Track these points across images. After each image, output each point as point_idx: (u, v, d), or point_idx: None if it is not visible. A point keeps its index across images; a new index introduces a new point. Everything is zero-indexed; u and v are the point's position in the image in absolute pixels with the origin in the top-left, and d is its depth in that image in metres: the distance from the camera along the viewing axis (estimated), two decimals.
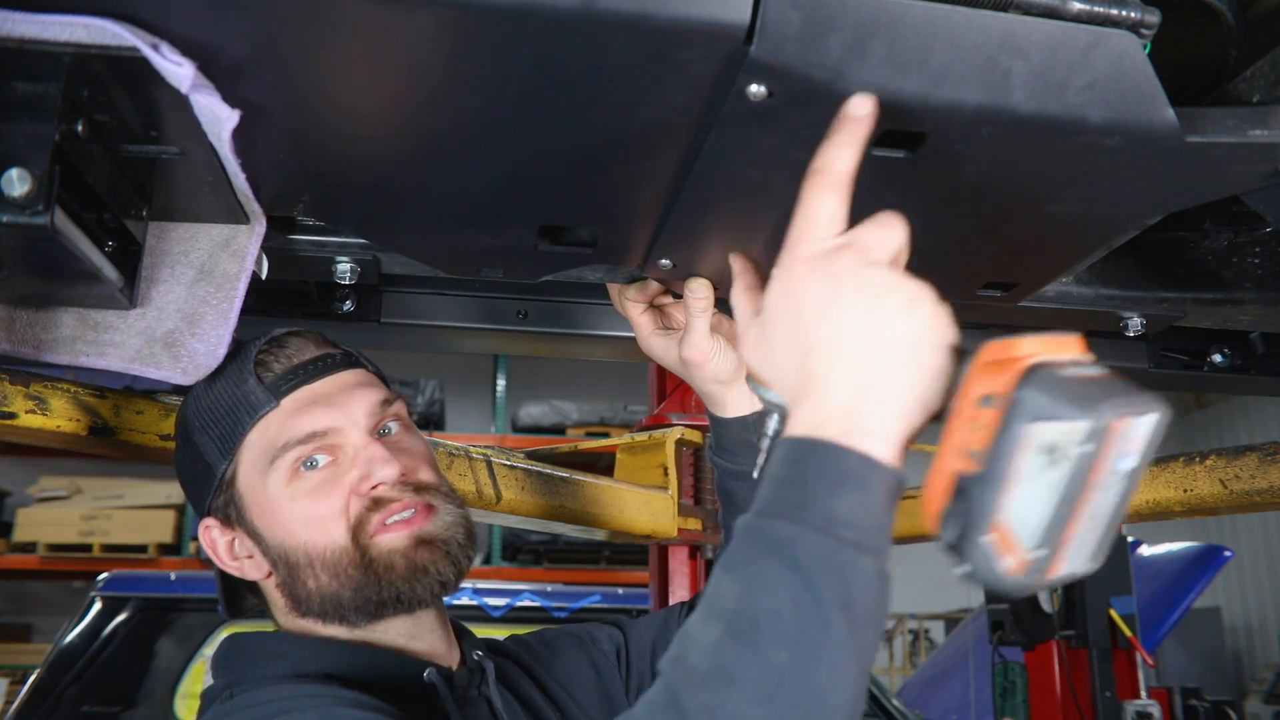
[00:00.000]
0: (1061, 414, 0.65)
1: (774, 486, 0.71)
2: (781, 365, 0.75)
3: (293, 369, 1.06)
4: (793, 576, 0.66)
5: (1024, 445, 0.66)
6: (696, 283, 1.13)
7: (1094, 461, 0.66)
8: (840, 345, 0.71)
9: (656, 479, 2.06)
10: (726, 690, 0.65)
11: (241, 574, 1.08)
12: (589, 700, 1.21)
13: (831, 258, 0.73)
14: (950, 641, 5.85)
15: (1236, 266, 1.27)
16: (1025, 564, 0.67)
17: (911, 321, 0.71)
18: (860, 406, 0.70)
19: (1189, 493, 1.57)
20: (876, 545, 0.68)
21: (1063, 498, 0.66)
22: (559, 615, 3.74)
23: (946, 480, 0.69)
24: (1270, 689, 7.73)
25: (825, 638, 0.65)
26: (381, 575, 1.01)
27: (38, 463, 7.39)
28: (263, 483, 1.03)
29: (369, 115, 0.83)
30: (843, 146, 0.74)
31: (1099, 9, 0.77)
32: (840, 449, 0.69)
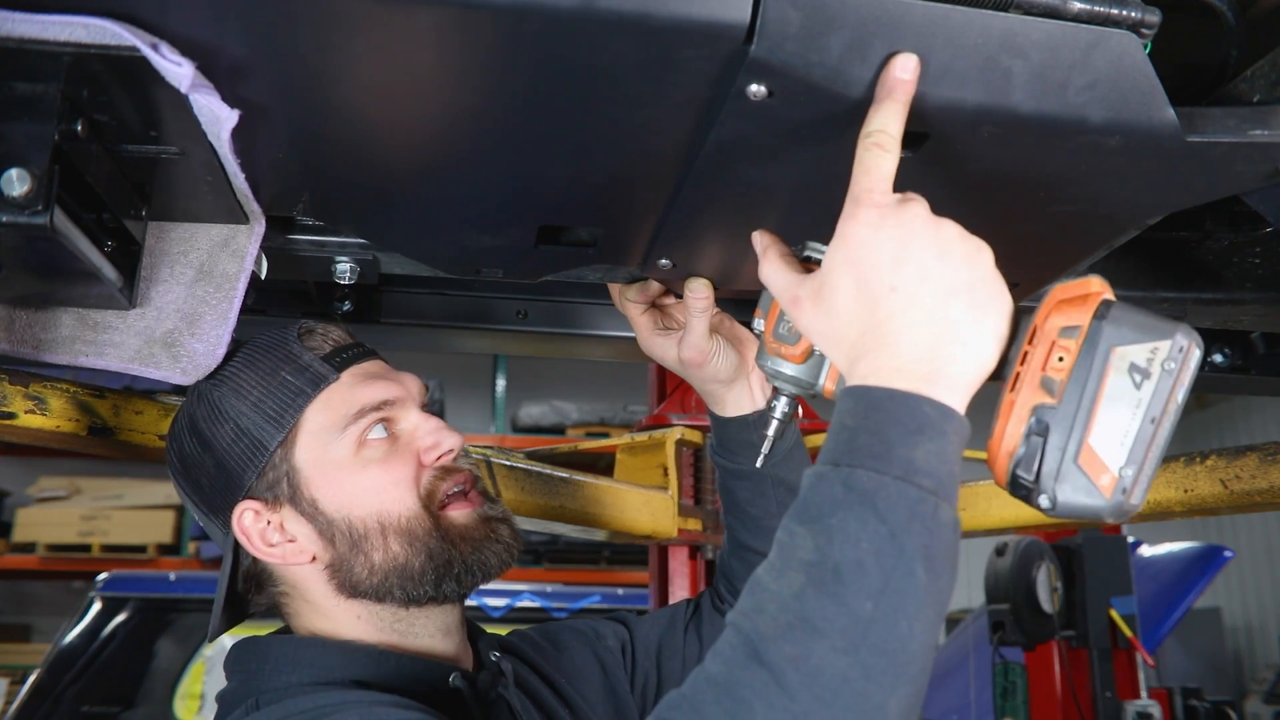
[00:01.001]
0: (1146, 336, 0.71)
1: (847, 436, 0.71)
2: (846, 317, 0.75)
3: (341, 348, 1.06)
4: (878, 526, 0.67)
5: (1112, 367, 0.71)
6: (696, 282, 1.13)
7: (1177, 379, 0.71)
8: (919, 289, 0.72)
9: (656, 479, 2.06)
10: (811, 641, 0.65)
11: (282, 560, 1.03)
12: (595, 696, 1.21)
13: (901, 209, 0.74)
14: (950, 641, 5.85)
15: (1237, 266, 1.27)
16: (1115, 481, 0.70)
17: (983, 270, 0.74)
18: (937, 355, 0.71)
19: (1189, 493, 1.57)
20: (952, 493, 0.70)
21: (1149, 415, 0.70)
22: (559, 616, 3.74)
23: (1024, 415, 0.72)
24: (1270, 689, 7.73)
25: (909, 587, 0.66)
26: (456, 543, 1.02)
27: (37, 463, 7.39)
28: (327, 453, 1.02)
29: (369, 115, 0.83)
30: (892, 109, 0.75)
31: (1099, 9, 0.77)
32: (918, 397, 0.70)
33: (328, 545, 1.02)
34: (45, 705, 3.30)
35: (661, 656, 1.27)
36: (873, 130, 0.75)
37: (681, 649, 1.28)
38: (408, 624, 1.05)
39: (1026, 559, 3.37)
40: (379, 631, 1.04)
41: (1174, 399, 0.71)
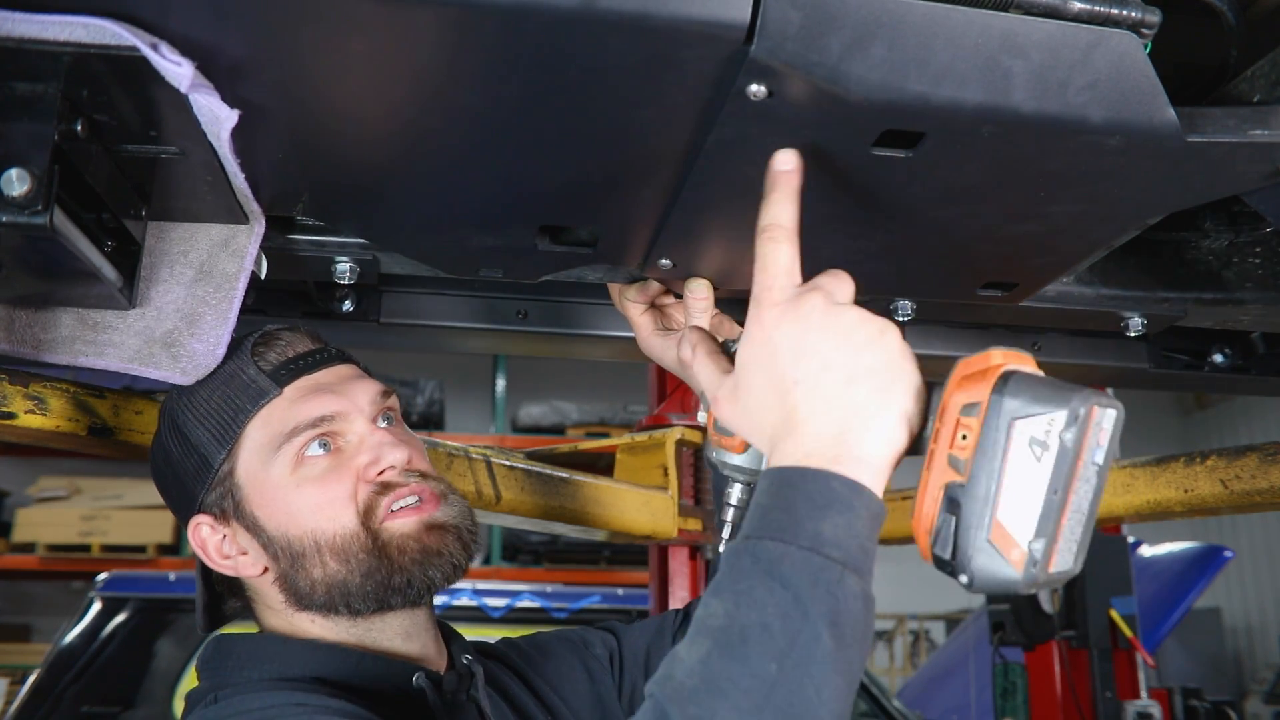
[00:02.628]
0: (1043, 407, 0.71)
1: (760, 513, 0.73)
2: (760, 411, 0.78)
3: (292, 359, 1.06)
4: (781, 591, 0.68)
5: (1014, 441, 0.71)
6: (696, 283, 1.13)
7: (1078, 449, 0.71)
8: (820, 380, 0.75)
9: (656, 479, 2.06)
10: (716, 702, 0.66)
11: (235, 572, 1.06)
12: (580, 704, 1.21)
13: (799, 302, 0.78)
14: (951, 642, 5.85)
15: (1237, 266, 1.27)
16: (1025, 556, 0.70)
17: (885, 353, 0.75)
18: (844, 435, 0.74)
19: (1189, 493, 1.57)
20: (861, 566, 0.71)
21: (1052, 485, 0.70)
22: (559, 616, 3.74)
23: (937, 494, 0.73)
24: (1270, 689, 7.73)
25: (813, 651, 0.67)
26: (394, 559, 1.01)
27: (37, 463, 7.39)
28: (265, 471, 1.02)
29: (369, 115, 0.83)
30: (782, 202, 0.80)
31: (1100, 9, 0.77)
32: (826, 474, 0.72)
33: (273, 560, 1.03)
34: (45, 705, 3.30)
35: (649, 665, 1.27)
36: (766, 225, 0.80)
37: None
38: (365, 629, 1.05)
39: None
40: (339, 636, 1.05)
41: (1079, 468, 0.71)
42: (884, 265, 1.09)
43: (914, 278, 1.14)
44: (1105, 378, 1.64)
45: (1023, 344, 1.51)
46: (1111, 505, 1.65)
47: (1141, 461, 1.64)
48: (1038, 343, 1.52)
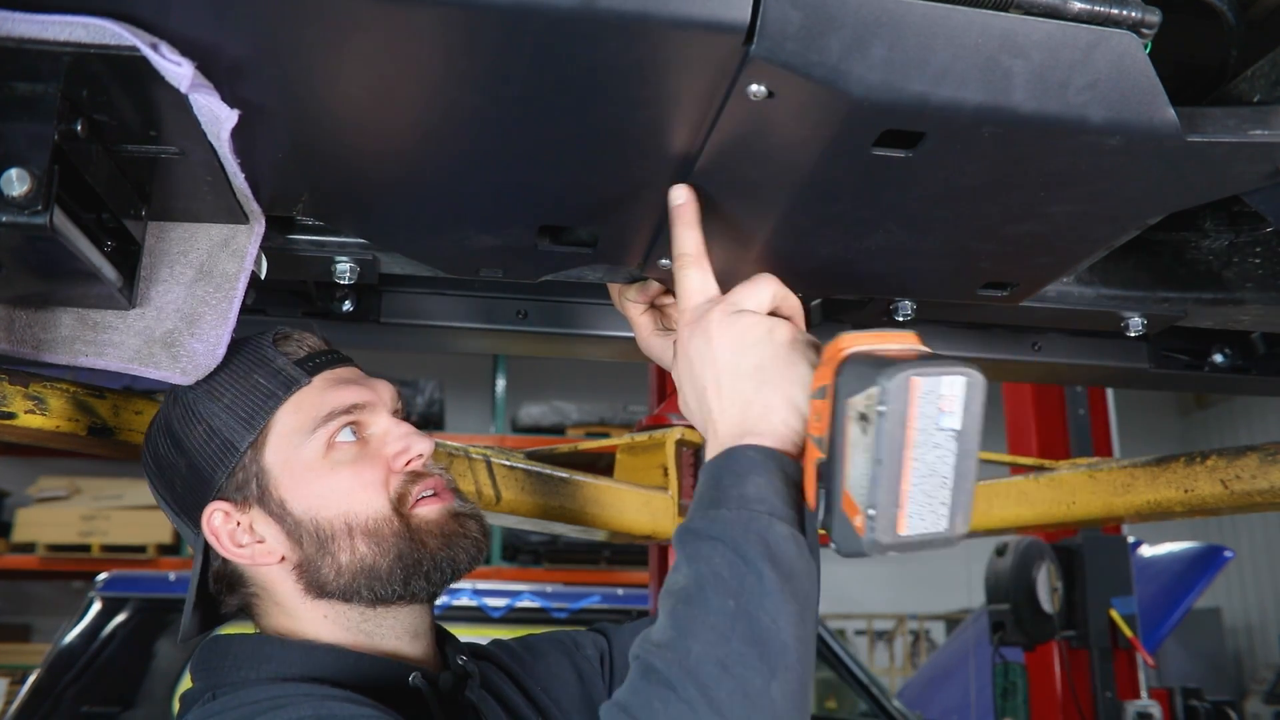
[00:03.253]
0: (863, 384, 0.76)
1: (696, 499, 0.85)
2: (692, 413, 0.92)
3: (315, 353, 1.09)
4: (722, 546, 0.79)
5: (846, 419, 0.77)
6: None
7: (905, 419, 0.75)
8: (720, 381, 0.87)
9: (656, 479, 2.05)
10: (689, 642, 0.75)
11: (251, 560, 1.04)
12: (571, 705, 1.21)
13: (703, 317, 0.90)
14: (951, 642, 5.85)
15: (1237, 266, 1.27)
16: (865, 522, 0.76)
17: (772, 346, 0.87)
18: (745, 418, 0.85)
19: (1190, 493, 1.57)
20: (785, 513, 0.81)
21: (878, 457, 0.75)
22: (559, 616, 3.74)
23: (812, 474, 0.82)
24: (1270, 689, 7.73)
25: (760, 585, 0.77)
26: (424, 541, 1.04)
27: (37, 463, 7.39)
28: (297, 454, 1.03)
29: (369, 115, 0.83)
30: (684, 232, 0.93)
31: (1100, 8, 0.77)
32: (739, 448, 0.84)
33: (295, 546, 1.04)
34: (45, 705, 3.30)
35: None
36: (675, 255, 0.94)
37: None
38: (374, 624, 1.06)
39: (1027, 559, 3.37)
40: (345, 632, 1.05)
41: (909, 435, 0.75)
42: (884, 265, 1.09)
43: (914, 278, 1.14)
44: (1105, 378, 1.64)
45: (1023, 344, 1.51)
46: (1111, 505, 1.65)
47: (1141, 461, 1.64)
48: (1038, 343, 1.52)
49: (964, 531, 0.78)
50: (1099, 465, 1.70)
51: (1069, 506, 1.72)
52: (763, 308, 0.89)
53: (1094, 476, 1.69)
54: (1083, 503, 1.70)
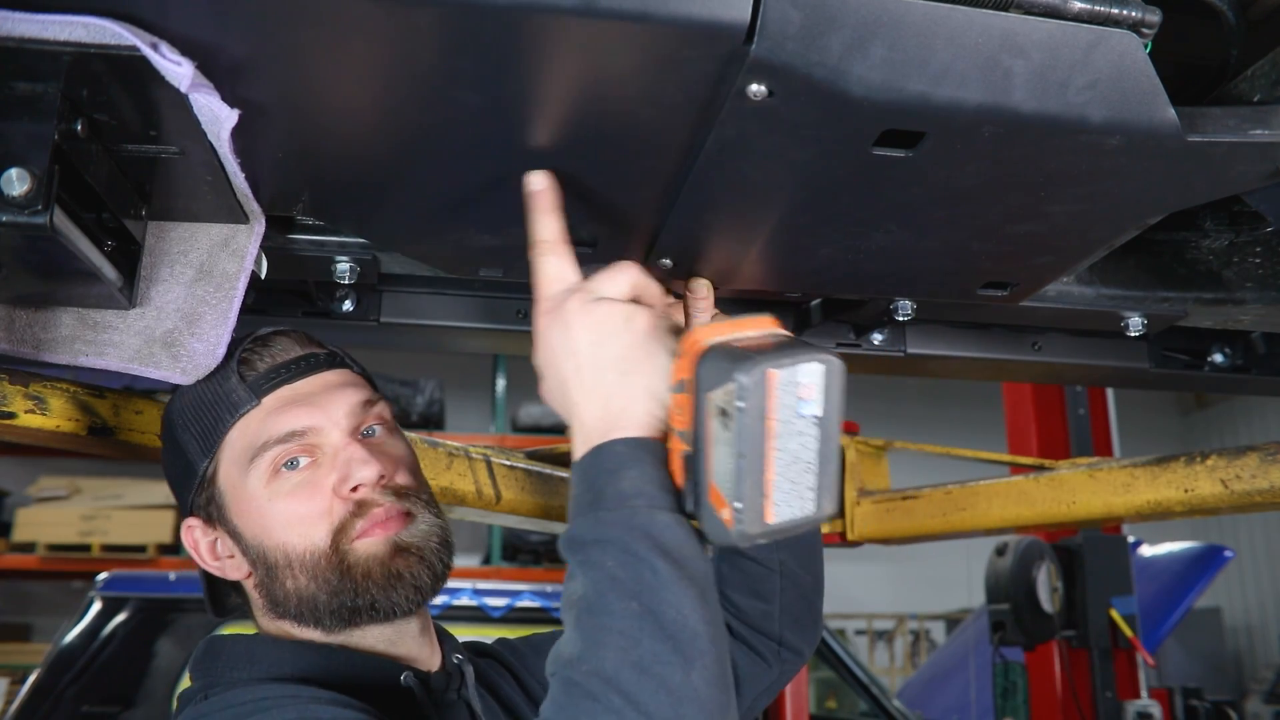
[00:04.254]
0: (721, 379, 0.76)
1: (573, 504, 0.83)
2: (556, 402, 0.89)
3: (275, 368, 1.05)
4: (611, 547, 0.78)
5: (707, 414, 0.77)
6: (696, 283, 1.13)
7: (764, 411, 0.75)
8: (580, 371, 0.85)
9: None
10: (602, 652, 0.74)
11: (223, 574, 1.07)
12: None
13: (560, 305, 0.88)
14: (951, 642, 5.85)
15: (1237, 266, 1.26)
16: (733, 514, 0.76)
17: (631, 334, 0.85)
18: (609, 412, 0.84)
19: (1190, 493, 1.56)
20: (665, 502, 0.80)
21: (740, 451, 0.75)
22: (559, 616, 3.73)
23: (678, 464, 0.81)
24: (1270, 689, 7.73)
25: (657, 578, 0.76)
26: (358, 582, 1.00)
27: (37, 463, 7.39)
28: (242, 482, 1.02)
29: (369, 115, 0.83)
30: (540, 219, 0.91)
31: (1100, 8, 0.77)
32: (607, 444, 0.82)
33: (252, 567, 1.05)
34: (45, 705, 3.30)
35: None
36: (533, 241, 0.91)
37: None
38: (345, 638, 1.05)
39: (1027, 559, 3.37)
40: (326, 637, 1.05)
41: (770, 427, 0.75)
42: (884, 265, 1.09)
43: (914, 278, 1.14)
44: (1105, 378, 1.64)
45: (1023, 344, 1.51)
46: (1111, 505, 1.65)
47: (1141, 461, 1.64)
48: (1038, 343, 1.52)
49: (832, 510, 0.79)
50: (1099, 465, 1.70)
51: (1069, 506, 1.72)
52: (621, 295, 0.87)
53: (1094, 476, 1.69)
54: (1083, 503, 1.69)
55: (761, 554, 1.25)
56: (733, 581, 1.28)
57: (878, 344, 1.46)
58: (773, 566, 1.25)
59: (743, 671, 1.27)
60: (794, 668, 1.30)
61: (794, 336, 0.80)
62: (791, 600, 1.27)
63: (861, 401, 8.38)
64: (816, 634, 1.31)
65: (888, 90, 0.75)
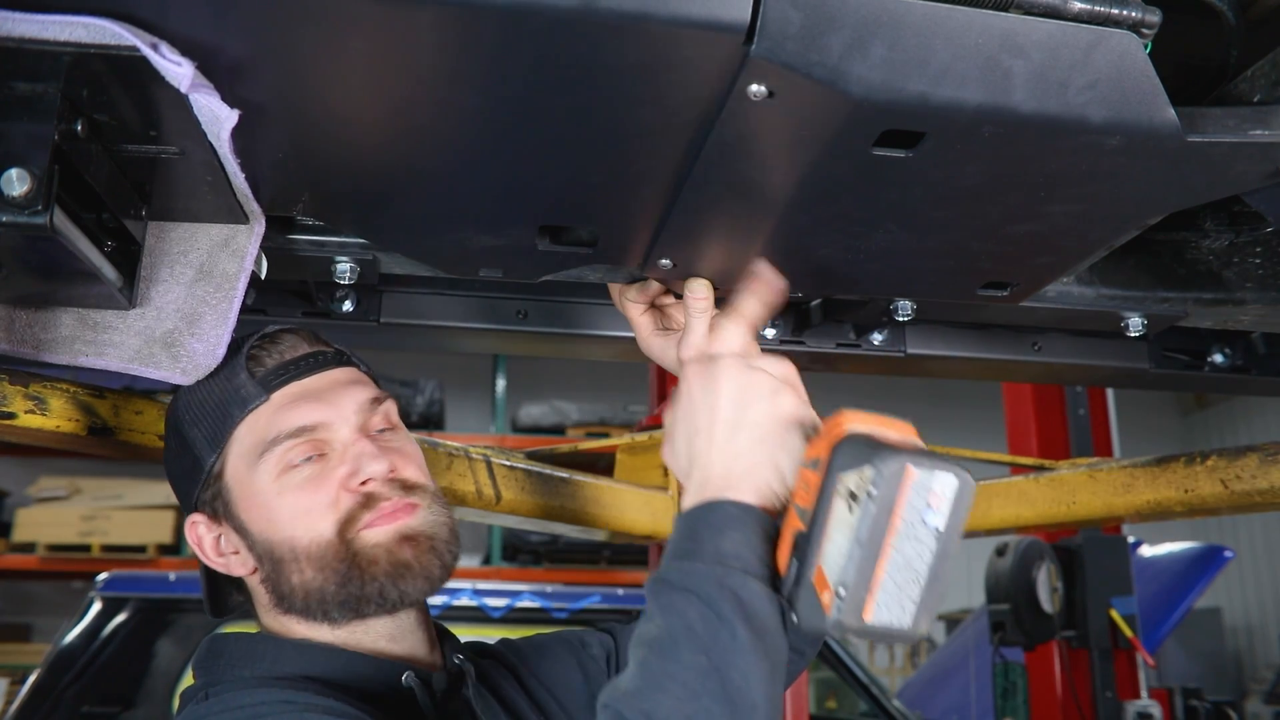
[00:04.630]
0: (858, 463, 0.77)
1: (671, 548, 0.85)
2: (678, 452, 0.92)
3: (284, 364, 1.06)
4: (696, 600, 0.79)
5: (834, 494, 0.78)
6: (696, 283, 1.13)
7: (892, 506, 0.75)
8: (714, 426, 0.88)
9: (657, 479, 2.05)
10: (659, 696, 0.76)
11: (227, 570, 1.07)
12: (575, 704, 1.21)
13: (714, 361, 0.92)
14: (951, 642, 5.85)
15: (1237, 266, 1.26)
16: (832, 599, 0.76)
17: (774, 407, 0.88)
18: (730, 472, 0.86)
19: (1190, 493, 1.57)
20: (761, 573, 0.81)
21: (859, 537, 0.75)
22: (559, 616, 3.73)
23: (788, 542, 0.81)
24: (1271, 689, 7.72)
25: (734, 642, 0.77)
26: (365, 570, 1.01)
27: (37, 463, 7.39)
28: (250, 476, 1.03)
29: (369, 115, 0.83)
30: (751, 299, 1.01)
31: (1100, 8, 0.77)
32: (719, 501, 0.84)
33: (258, 562, 1.05)
34: (45, 705, 3.30)
35: None
36: (733, 307, 0.99)
37: None
38: (348, 633, 1.05)
39: (1027, 559, 3.37)
40: (325, 638, 1.05)
41: (894, 522, 0.75)
42: (884, 265, 1.09)
43: (914, 278, 1.14)
44: (1105, 378, 1.64)
45: (1023, 344, 1.51)
46: (1111, 505, 1.65)
47: (1141, 461, 1.64)
48: (1038, 343, 1.52)
49: (925, 632, 0.78)
50: (1099, 465, 1.70)
51: (1069, 506, 1.72)
52: (776, 373, 0.90)
53: (1094, 476, 1.69)
54: (1083, 503, 1.70)
55: None
56: None
57: (878, 344, 1.46)
58: None
59: None
60: (797, 668, 1.30)
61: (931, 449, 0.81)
62: None
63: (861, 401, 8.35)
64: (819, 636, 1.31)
65: (888, 90, 0.75)
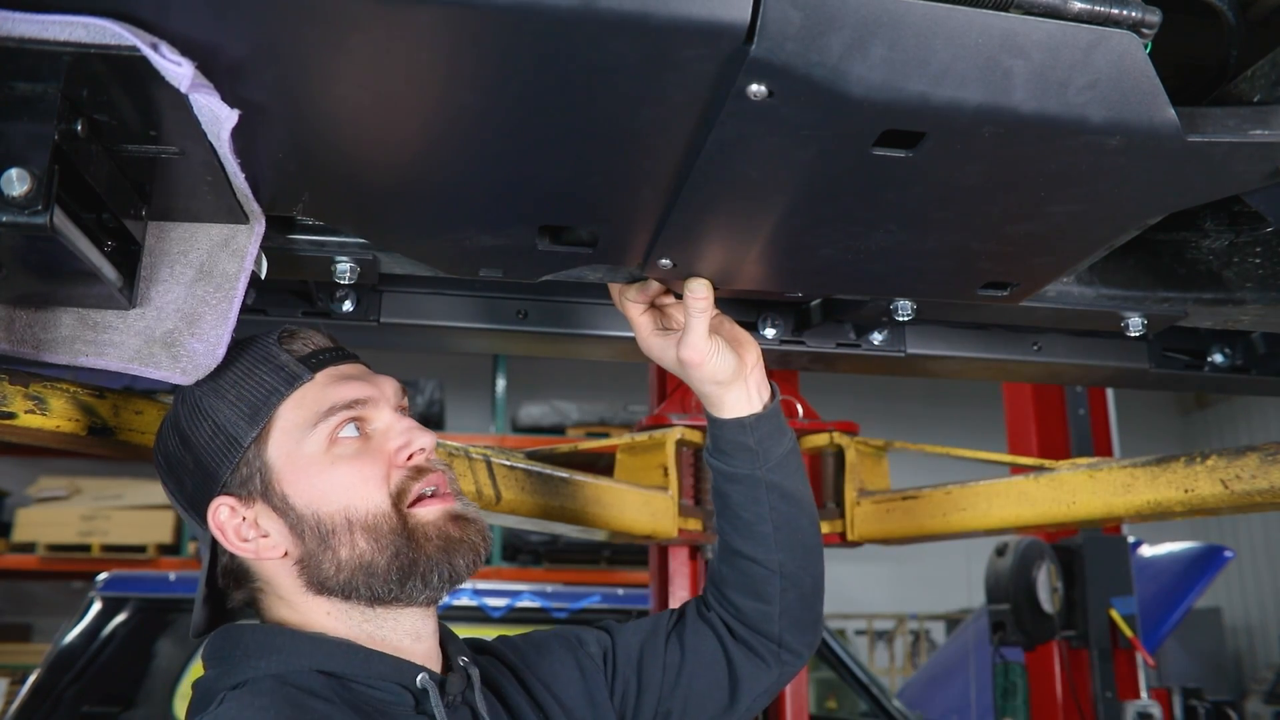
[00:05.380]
0: None
1: None
2: None
3: (318, 350, 1.09)
4: None
5: None
6: (696, 283, 1.13)
7: None
8: None
9: (657, 479, 2.05)
10: None
11: (255, 555, 1.05)
12: (573, 702, 1.21)
13: None
14: (951, 642, 5.85)
15: (1237, 266, 1.27)
16: None
17: None
18: None
19: (1190, 493, 1.57)
20: None
21: None
22: (559, 616, 3.74)
23: None
24: (1271, 689, 7.72)
25: None
26: (421, 544, 1.04)
27: (37, 463, 7.40)
28: (299, 449, 1.03)
29: (369, 115, 0.83)
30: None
31: (1100, 8, 0.77)
32: None
33: (298, 541, 1.04)
34: (45, 705, 3.30)
35: (643, 663, 1.27)
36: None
37: (663, 656, 1.27)
38: (376, 624, 1.06)
39: (1027, 559, 3.37)
40: (348, 629, 1.06)
41: None
42: (884, 265, 1.09)
43: (914, 278, 1.14)
44: (1105, 378, 1.64)
45: (1023, 344, 1.52)
46: (1111, 505, 1.65)
47: (1141, 461, 1.64)
48: (1038, 343, 1.52)
49: None
50: (1099, 465, 1.70)
51: (1069, 506, 1.72)
52: None
53: (1094, 476, 1.69)
54: (1083, 503, 1.70)
55: (761, 555, 1.25)
56: (733, 582, 1.28)
57: (878, 344, 1.46)
58: (773, 568, 1.25)
59: (742, 672, 1.27)
60: (793, 669, 1.31)
61: None
62: (791, 602, 1.27)
63: (861, 401, 8.40)
64: (816, 636, 1.32)
65: (888, 90, 0.75)
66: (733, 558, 1.27)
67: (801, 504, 1.27)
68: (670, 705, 1.25)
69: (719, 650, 1.28)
